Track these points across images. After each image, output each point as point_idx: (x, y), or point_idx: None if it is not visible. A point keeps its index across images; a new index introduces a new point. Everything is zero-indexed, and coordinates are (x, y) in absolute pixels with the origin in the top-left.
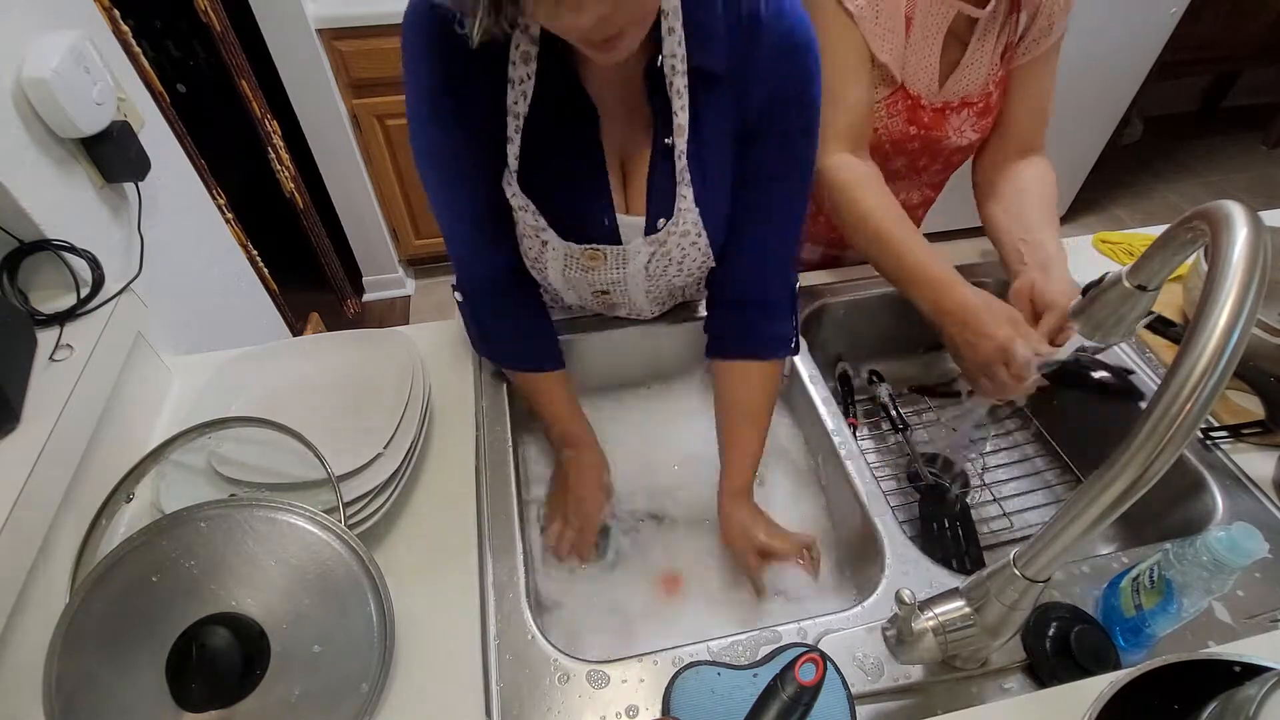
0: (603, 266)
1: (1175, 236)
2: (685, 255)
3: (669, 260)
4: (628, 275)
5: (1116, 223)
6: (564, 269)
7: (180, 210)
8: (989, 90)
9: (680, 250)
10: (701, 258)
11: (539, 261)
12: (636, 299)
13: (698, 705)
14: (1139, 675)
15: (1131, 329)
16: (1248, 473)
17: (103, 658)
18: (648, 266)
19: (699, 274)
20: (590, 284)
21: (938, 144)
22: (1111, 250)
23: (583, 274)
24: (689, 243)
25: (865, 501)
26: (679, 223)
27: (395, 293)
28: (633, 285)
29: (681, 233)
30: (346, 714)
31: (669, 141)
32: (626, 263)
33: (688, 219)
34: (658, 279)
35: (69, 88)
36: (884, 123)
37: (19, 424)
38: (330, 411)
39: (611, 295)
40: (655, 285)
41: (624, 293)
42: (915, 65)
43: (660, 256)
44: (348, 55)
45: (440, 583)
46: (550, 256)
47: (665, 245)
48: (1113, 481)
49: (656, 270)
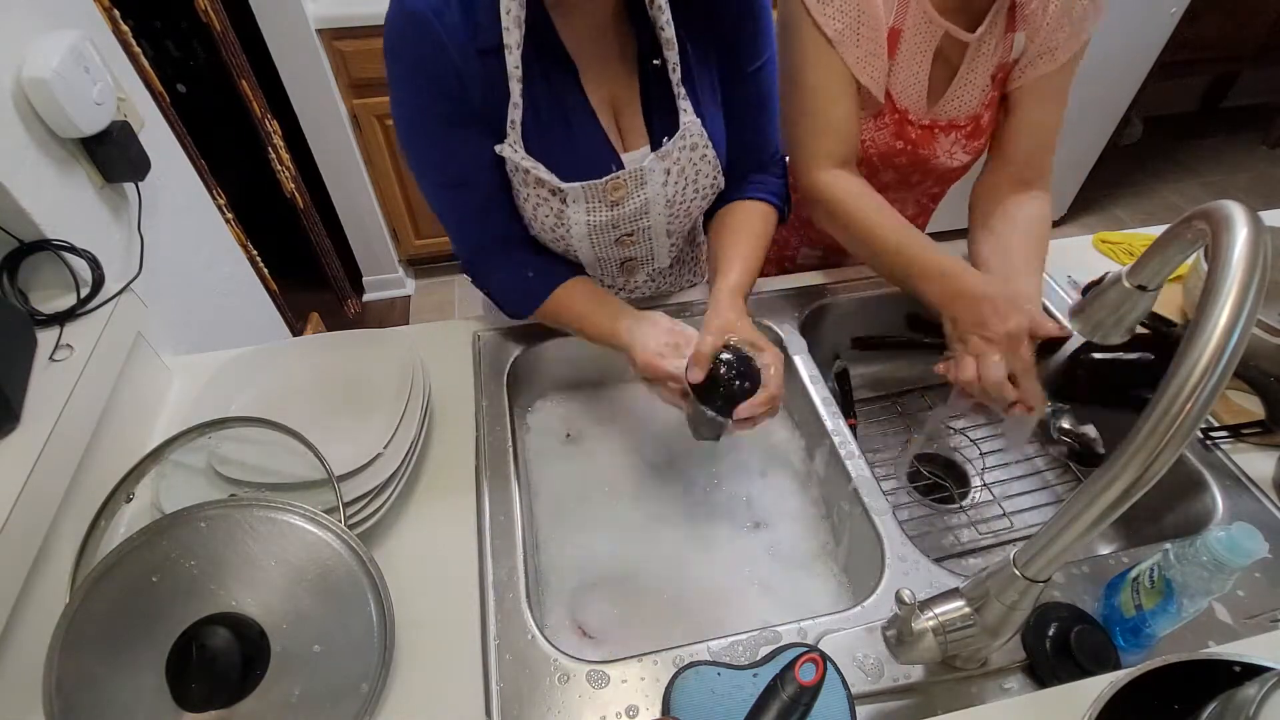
0: (625, 197)
1: (1175, 237)
2: (698, 171)
3: (684, 180)
4: (649, 201)
5: (1116, 223)
6: (588, 220)
7: (180, 210)
8: (978, 113)
9: (693, 165)
10: (712, 171)
11: (560, 226)
12: (658, 240)
13: (698, 705)
14: (1139, 675)
15: (1131, 329)
16: (1248, 473)
17: (103, 658)
18: (665, 187)
19: (712, 193)
20: (615, 227)
21: (927, 162)
22: (1111, 250)
23: (608, 213)
24: (699, 155)
25: (865, 501)
26: (685, 135)
27: (395, 293)
28: (655, 217)
29: (690, 145)
30: (346, 714)
31: (657, 63)
32: (644, 184)
33: (693, 130)
34: (675, 205)
35: (69, 88)
36: (870, 136)
37: (19, 424)
38: (330, 411)
39: (636, 239)
40: (675, 214)
41: (646, 233)
42: (903, 81)
43: (676, 176)
44: (348, 55)
45: (440, 583)
46: (572, 213)
47: (678, 162)
48: (1113, 481)
49: (674, 193)
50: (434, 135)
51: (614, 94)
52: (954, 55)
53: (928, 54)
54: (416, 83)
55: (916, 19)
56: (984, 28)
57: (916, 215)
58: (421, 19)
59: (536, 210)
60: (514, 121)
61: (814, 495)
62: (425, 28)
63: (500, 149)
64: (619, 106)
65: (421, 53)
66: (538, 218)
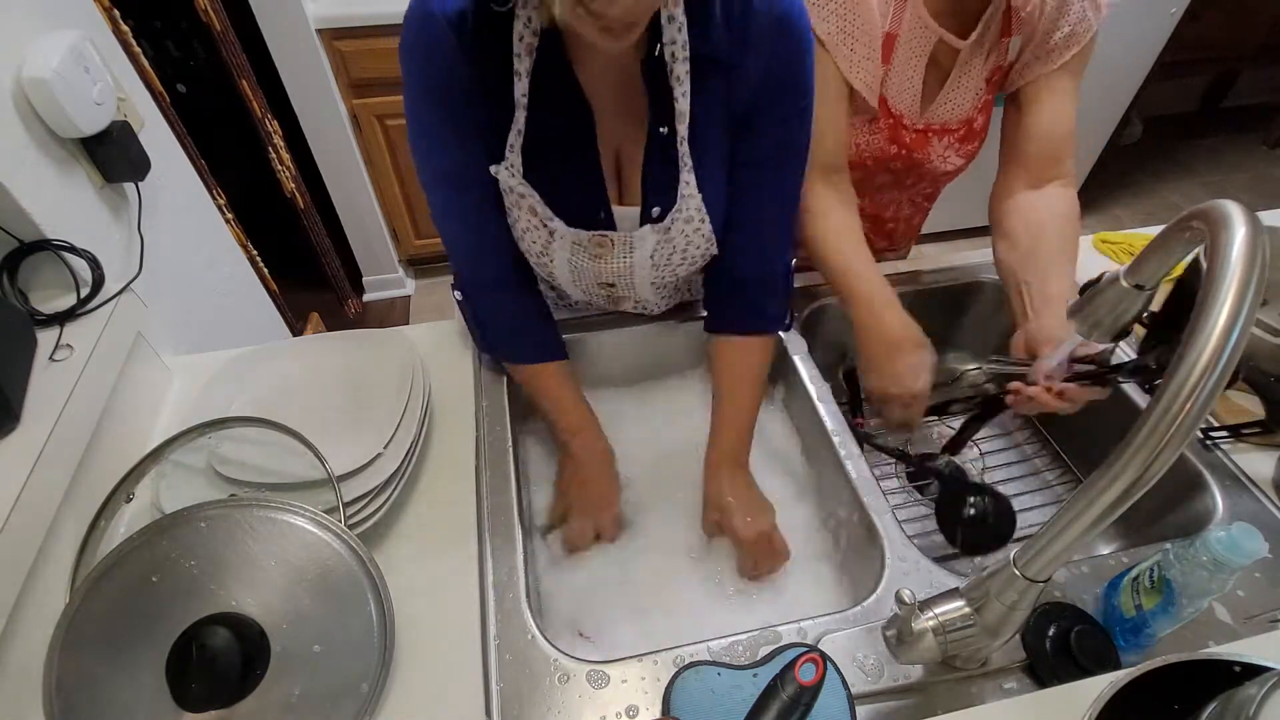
0: (609, 255)
1: (1172, 236)
2: (689, 242)
3: (673, 249)
4: (634, 264)
5: (1116, 223)
6: (570, 258)
7: (180, 210)
8: (971, 117)
9: (684, 238)
10: (705, 244)
11: (545, 255)
12: (642, 291)
13: (698, 705)
14: (1139, 675)
15: (1129, 328)
16: (1248, 473)
17: (103, 658)
18: (653, 256)
19: (702, 262)
20: (597, 275)
21: (921, 166)
22: (1111, 250)
23: (590, 263)
24: (693, 229)
25: (865, 501)
26: (683, 209)
27: (395, 293)
28: (639, 276)
29: (685, 219)
30: (346, 714)
31: (664, 131)
32: (632, 250)
33: (691, 204)
34: (662, 268)
35: (69, 88)
36: (864, 139)
37: (19, 424)
38: (330, 411)
39: (617, 289)
40: (660, 275)
41: (629, 285)
42: (898, 86)
43: (665, 244)
44: (348, 55)
45: (440, 583)
46: (557, 246)
47: (670, 233)
48: (1113, 481)
49: (661, 259)
50: (438, 132)
51: (621, 147)
52: (946, 60)
53: (922, 59)
54: (424, 82)
55: (912, 25)
56: (977, 34)
57: (913, 214)
58: (434, 22)
59: (525, 233)
60: (513, 146)
61: (814, 495)
62: (436, 31)
63: (496, 170)
64: (623, 160)
65: (430, 55)
66: (525, 240)
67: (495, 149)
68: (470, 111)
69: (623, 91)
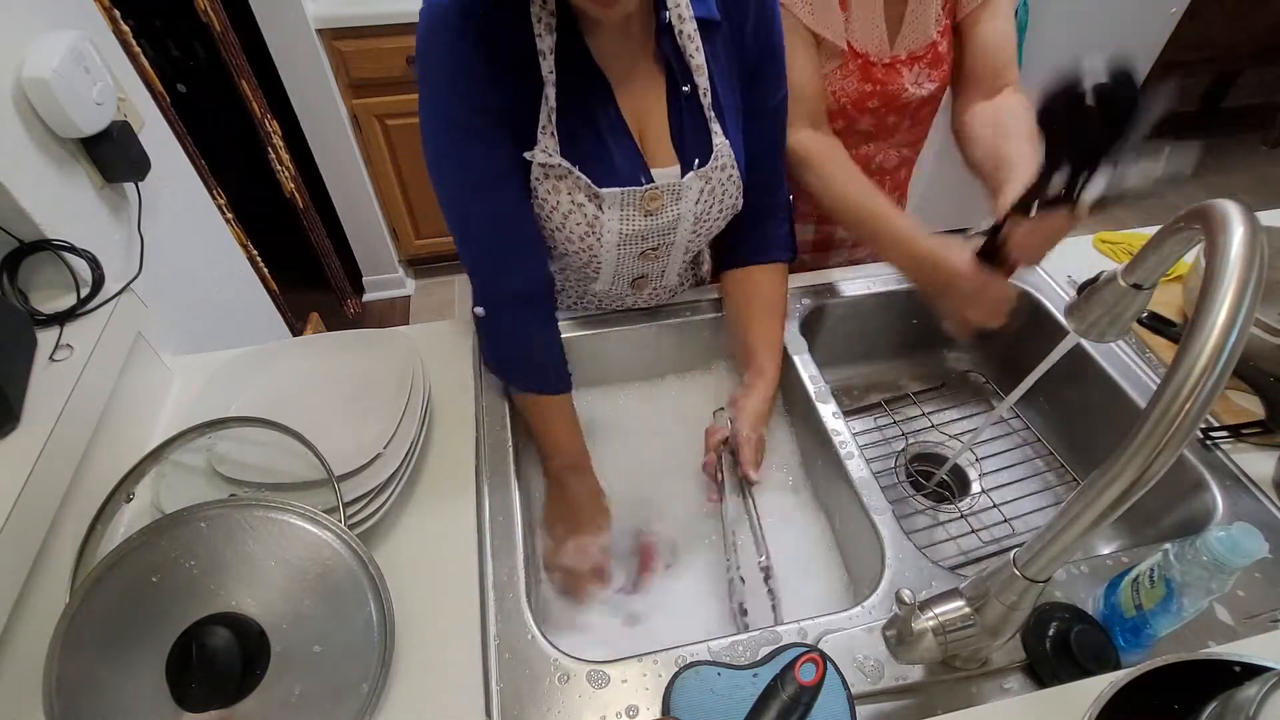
0: (661, 210)
1: (1170, 235)
2: (725, 191)
3: (714, 199)
4: (680, 217)
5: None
6: (620, 227)
7: (180, 210)
8: (935, 40)
9: (722, 186)
10: (736, 191)
11: (590, 234)
12: (676, 257)
13: (698, 705)
14: (1139, 675)
15: (1127, 327)
16: (1248, 473)
17: (103, 658)
18: (698, 203)
19: (731, 213)
20: (644, 239)
21: (897, 98)
22: (1111, 250)
23: (643, 221)
24: (726, 176)
25: (865, 501)
26: (718, 156)
27: (395, 293)
28: (682, 231)
29: (722, 166)
30: (346, 714)
31: (687, 90)
32: (679, 199)
33: (724, 152)
34: (701, 221)
35: (69, 88)
36: (838, 85)
37: (19, 424)
38: (330, 412)
39: (658, 254)
40: (698, 231)
41: (668, 250)
42: (863, 28)
43: (707, 194)
44: (348, 55)
45: (440, 583)
46: (606, 219)
47: (710, 181)
48: (1113, 481)
49: (703, 210)
50: (460, 134)
51: (643, 112)
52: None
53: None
54: (444, 80)
55: None
56: None
57: (899, 166)
58: (451, 17)
59: (567, 219)
60: (545, 126)
61: (813, 495)
62: (455, 26)
63: (532, 154)
64: (644, 126)
65: (450, 51)
66: (566, 226)
67: (527, 137)
68: (497, 103)
69: (634, 64)
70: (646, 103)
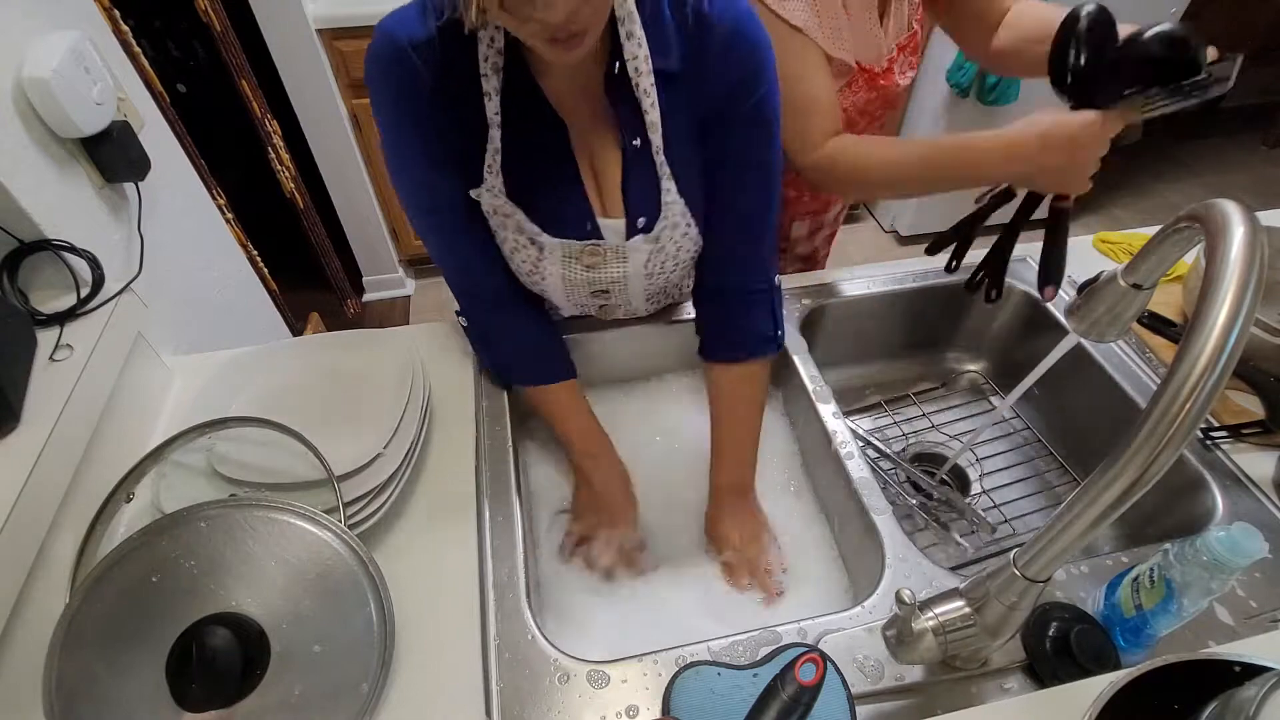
0: (603, 265)
1: (1170, 235)
2: (679, 248)
3: (665, 256)
4: (628, 274)
5: (1116, 223)
6: (564, 273)
7: (180, 210)
8: (913, 29)
9: (674, 244)
10: (693, 246)
11: (535, 272)
12: (634, 299)
13: (698, 705)
14: (1139, 675)
15: (1127, 327)
16: (1248, 473)
17: (103, 658)
18: (646, 264)
19: (691, 263)
20: (590, 284)
21: (890, 93)
22: (1111, 250)
23: (584, 273)
24: (680, 234)
25: (865, 501)
26: (668, 216)
27: (395, 293)
28: (633, 284)
29: (672, 225)
30: (346, 714)
31: (637, 144)
32: (626, 260)
33: (675, 210)
34: (655, 276)
35: (69, 88)
36: (848, 100)
37: (19, 424)
38: (330, 411)
39: (611, 296)
40: (653, 282)
41: (623, 292)
42: (864, 42)
43: (657, 253)
44: (348, 55)
45: (440, 583)
46: (548, 261)
47: (659, 241)
48: (1113, 481)
49: (654, 268)
50: (413, 162)
51: (596, 158)
52: None
53: (873, 6)
54: (394, 113)
55: None
56: None
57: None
58: (400, 52)
59: (514, 252)
60: (491, 166)
61: (813, 495)
62: (403, 61)
63: (477, 193)
64: (600, 173)
65: (398, 86)
66: (515, 259)
67: (473, 174)
68: (444, 138)
69: (591, 107)
70: (604, 146)
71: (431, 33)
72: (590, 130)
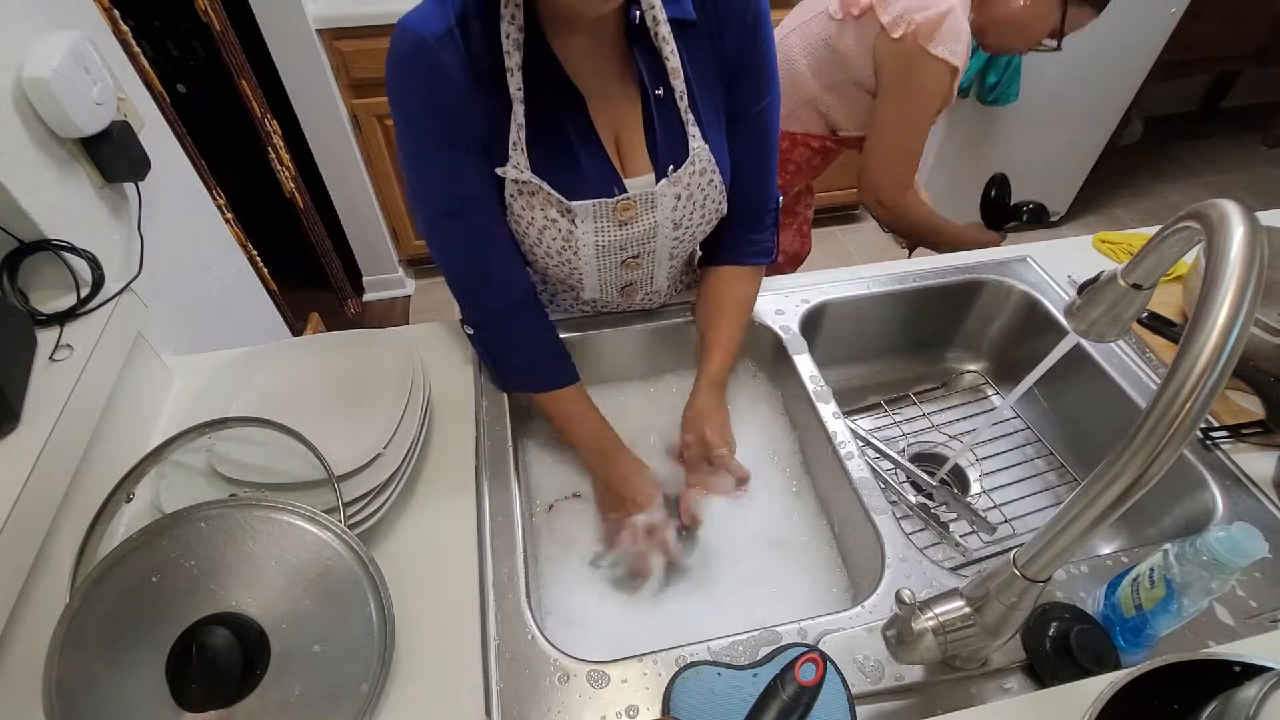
0: (635, 220)
1: (1170, 235)
2: (705, 196)
3: (693, 204)
4: (657, 224)
5: (1116, 223)
6: (596, 239)
7: (180, 210)
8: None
9: (701, 191)
10: (718, 196)
11: (568, 248)
12: (660, 264)
13: (698, 705)
14: (1139, 675)
15: (1127, 327)
16: (1248, 473)
17: (103, 658)
18: (674, 215)
19: (715, 217)
20: (623, 248)
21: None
22: (1111, 250)
23: (617, 232)
24: (706, 180)
25: (865, 501)
26: (695, 161)
27: (395, 293)
28: (661, 240)
29: (699, 170)
30: (346, 714)
31: (660, 93)
32: (654, 208)
33: (702, 156)
34: (682, 228)
35: (69, 88)
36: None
37: (19, 424)
38: (330, 412)
39: (640, 262)
40: (680, 238)
41: (650, 257)
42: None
43: (685, 200)
44: (348, 55)
45: (440, 583)
46: (580, 231)
47: (688, 187)
48: (1113, 481)
49: (682, 217)
50: (436, 159)
51: (617, 120)
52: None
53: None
54: (419, 108)
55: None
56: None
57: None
58: (423, 45)
59: (543, 234)
60: (516, 143)
61: (813, 495)
62: (427, 54)
63: (503, 170)
64: (621, 133)
65: (423, 78)
66: (543, 241)
67: (499, 156)
68: (471, 125)
69: (605, 71)
70: (621, 109)
71: (450, 23)
72: (605, 91)
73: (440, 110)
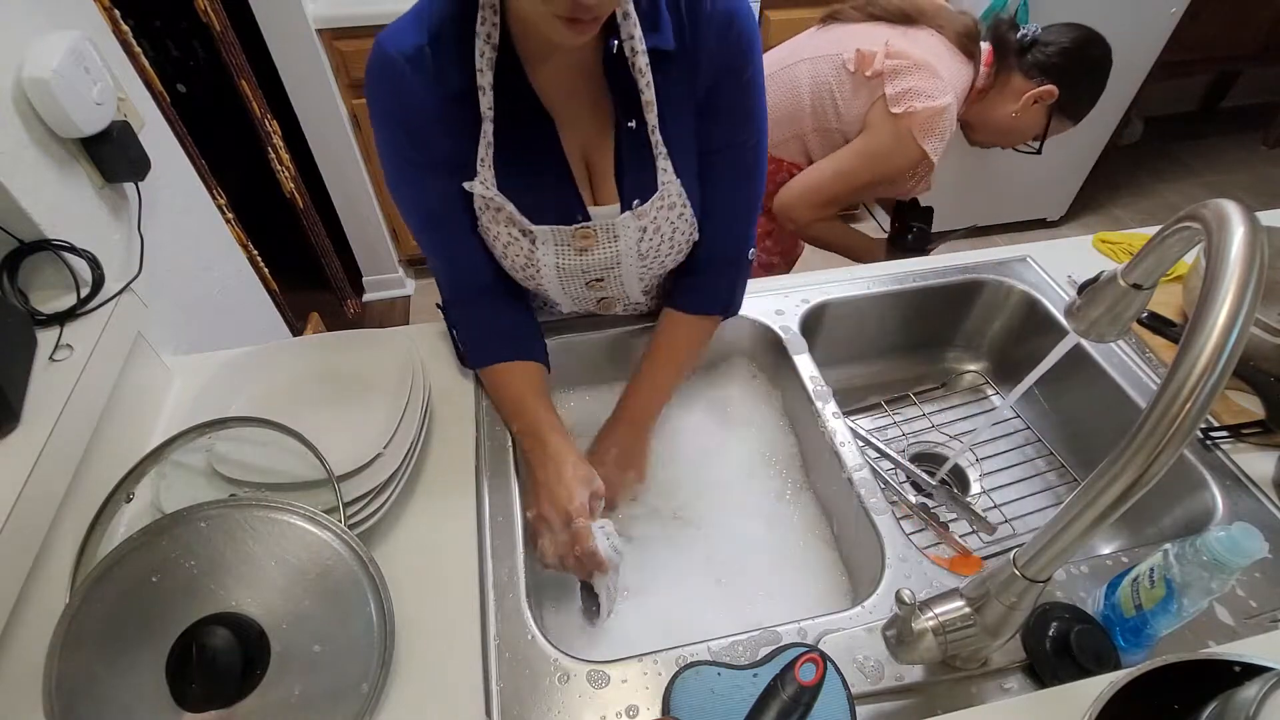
0: (595, 247)
1: (1170, 235)
2: (675, 229)
3: (660, 237)
4: (620, 254)
5: (1116, 223)
6: (557, 261)
7: (180, 210)
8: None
9: (669, 224)
10: (688, 229)
11: (530, 265)
12: (630, 286)
13: (698, 705)
14: (1139, 675)
15: (1127, 327)
16: (1248, 473)
17: (103, 658)
18: (639, 246)
19: (686, 249)
20: (585, 272)
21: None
22: (1111, 250)
23: (577, 258)
24: (675, 214)
25: (865, 501)
26: (664, 195)
27: (395, 293)
28: (626, 268)
29: (669, 205)
30: (346, 714)
31: (632, 125)
32: (616, 239)
33: (672, 190)
34: (650, 259)
35: (69, 88)
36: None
37: (19, 424)
38: (330, 412)
39: (606, 284)
40: (648, 268)
41: (618, 280)
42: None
43: (652, 233)
44: (348, 55)
45: (440, 583)
46: (541, 253)
47: (655, 220)
48: (1113, 481)
49: (648, 249)
50: (409, 176)
51: (588, 147)
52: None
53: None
54: (388, 125)
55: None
56: None
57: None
58: (389, 64)
59: (507, 249)
60: (483, 159)
61: (813, 495)
62: (393, 73)
63: (470, 185)
64: (592, 161)
65: (391, 97)
66: (508, 256)
67: (468, 170)
68: (439, 142)
69: (579, 98)
70: (592, 137)
71: (423, 40)
72: (577, 121)
73: (408, 128)
